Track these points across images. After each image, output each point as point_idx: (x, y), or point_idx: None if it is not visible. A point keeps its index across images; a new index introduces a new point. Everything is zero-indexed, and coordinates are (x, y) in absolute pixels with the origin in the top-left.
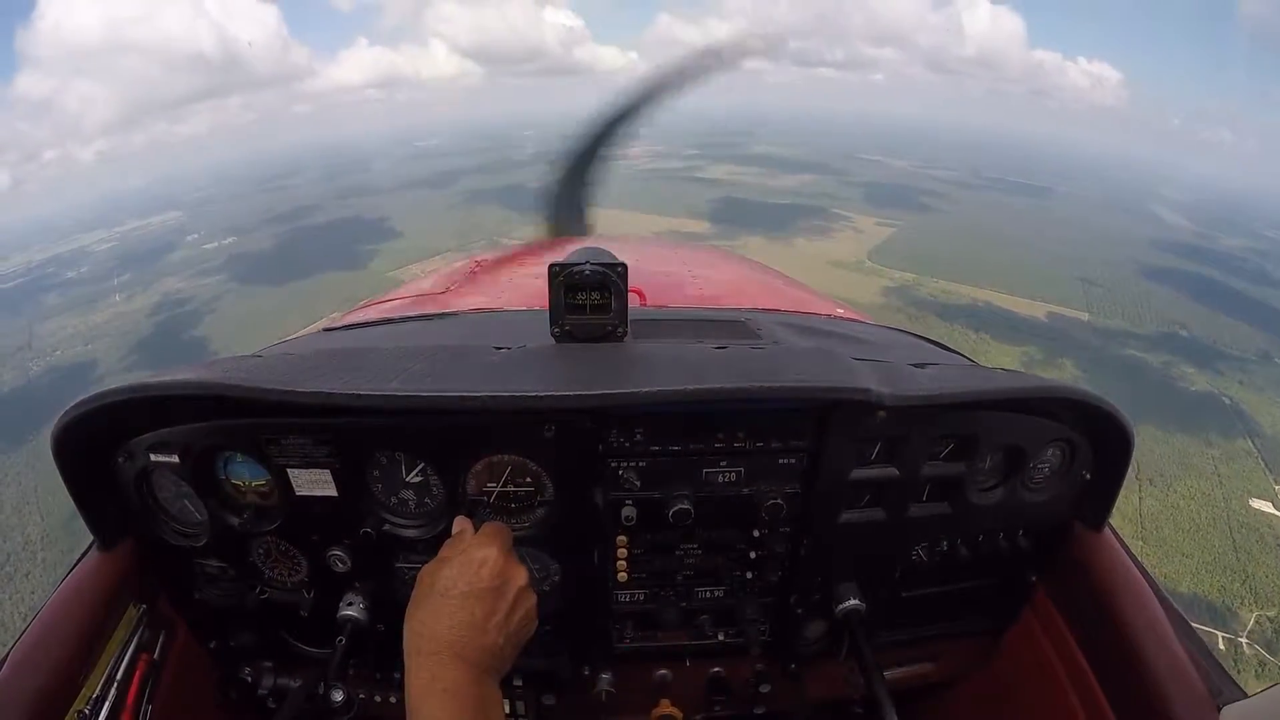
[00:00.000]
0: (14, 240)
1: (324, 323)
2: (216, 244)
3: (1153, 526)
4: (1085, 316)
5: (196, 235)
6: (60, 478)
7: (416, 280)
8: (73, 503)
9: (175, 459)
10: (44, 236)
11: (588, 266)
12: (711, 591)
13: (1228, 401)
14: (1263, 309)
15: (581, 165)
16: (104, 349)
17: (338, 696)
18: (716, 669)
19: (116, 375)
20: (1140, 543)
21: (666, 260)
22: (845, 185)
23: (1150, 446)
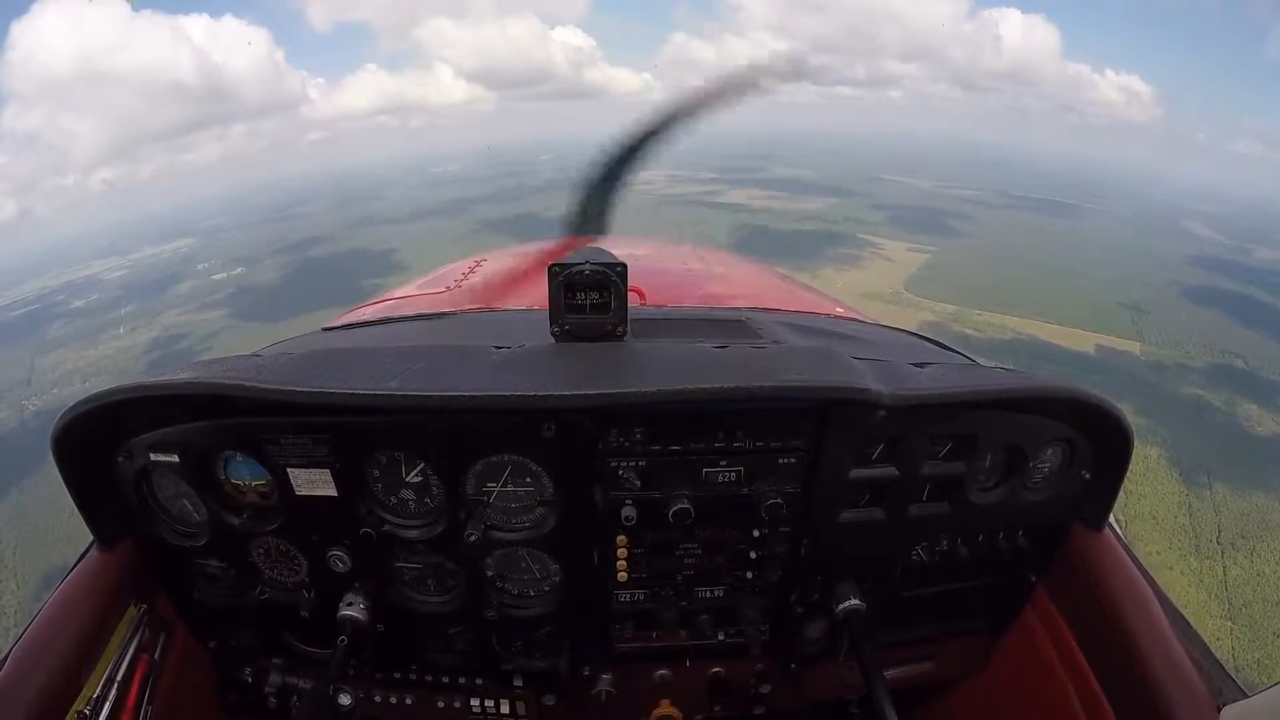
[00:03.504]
0: (30, 266)
1: (323, 323)
2: (225, 274)
3: (1240, 603)
4: (1137, 349)
5: (206, 265)
6: (60, 478)
7: (416, 280)
8: (73, 502)
9: (175, 459)
10: (59, 262)
11: (587, 266)
12: (711, 591)
13: None
14: None
15: (611, 172)
16: (99, 388)
17: (345, 700)
18: (716, 669)
19: None
20: (1229, 622)
21: (666, 260)
22: (870, 209)
23: (1229, 505)
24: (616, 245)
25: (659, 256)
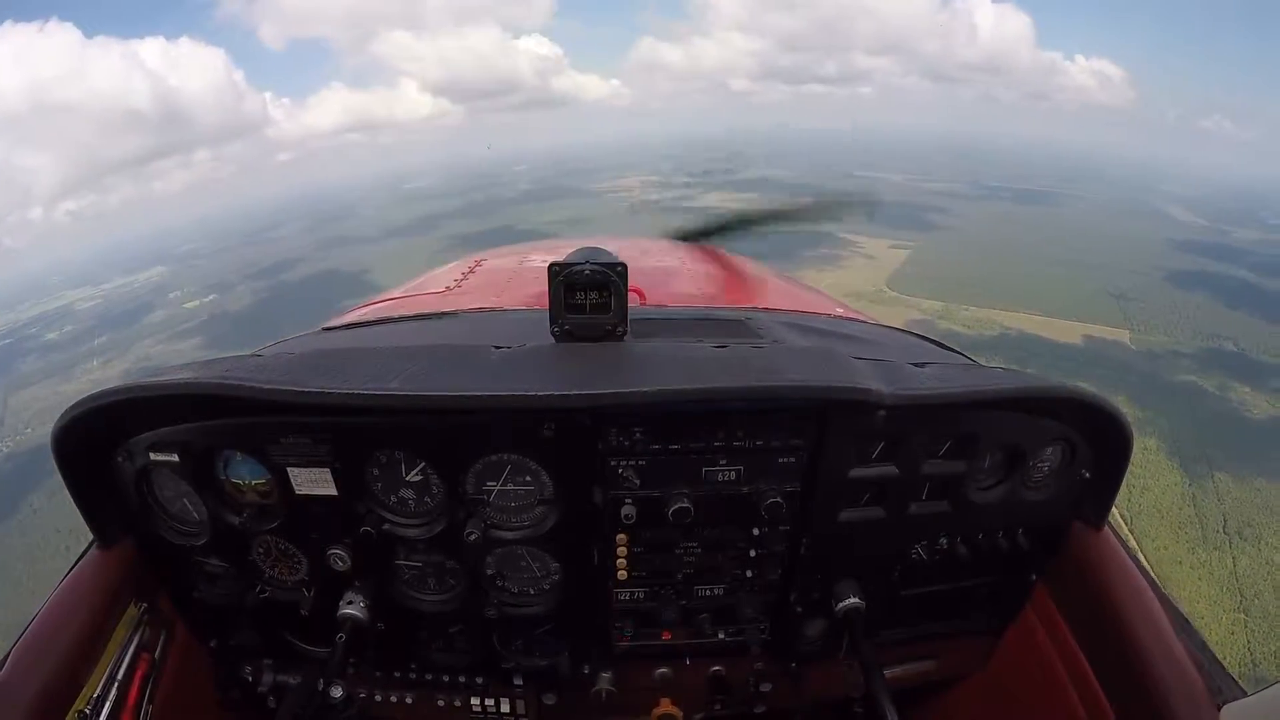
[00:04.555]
0: (2, 299)
1: (324, 323)
2: (198, 302)
3: (1253, 593)
4: (1127, 337)
5: (179, 293)
6: (60, 477)
7: (416, 280)
8: (73, 502)
9: (175, 458)
10: (32, 294)
11: (587, 266)
12: (711, 590)
13: None
14: None
15: (734, 224)
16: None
17: (337, 693)
18: (717, 668)
19: None
20: (1243, 615)
21: (666, 260)
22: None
23: (1232, 493)
24: (617, 245)
25: (659, 256)
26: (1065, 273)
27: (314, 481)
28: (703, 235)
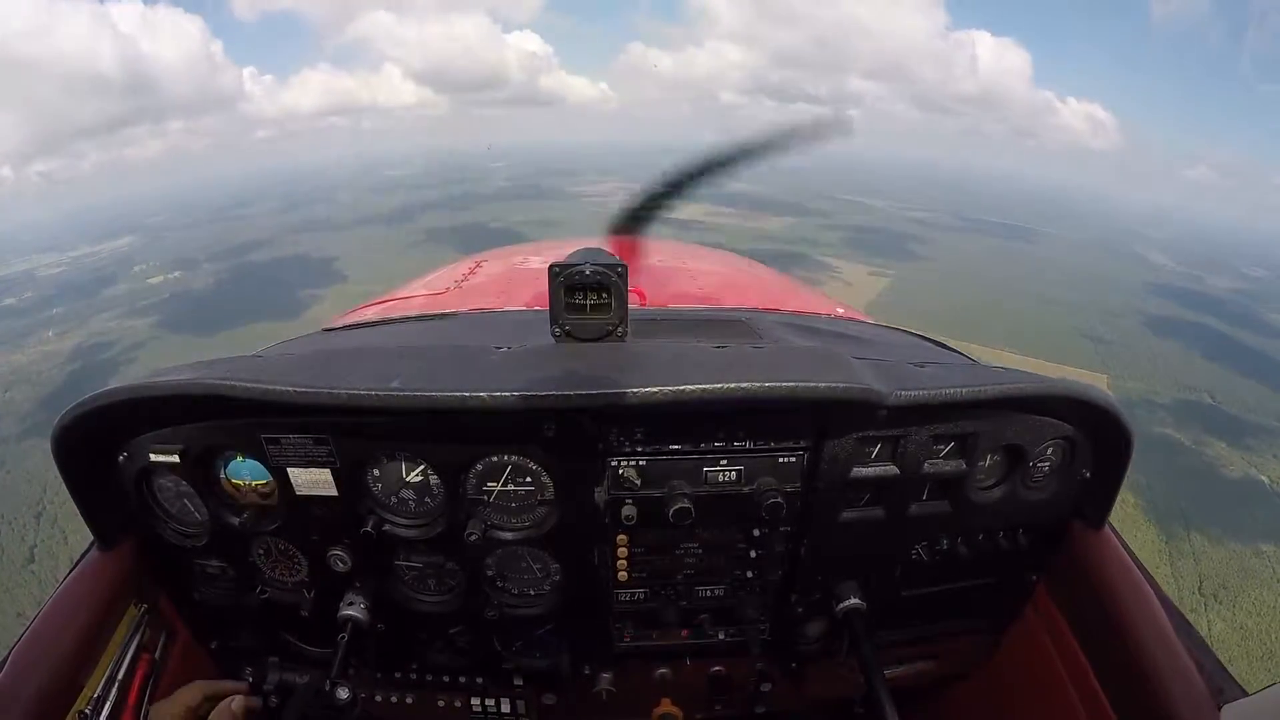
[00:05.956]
0: None
1: (324, 323)
2: (162, 277)
3: (1227, 659)
4: (1104, 382)
5: (143, 266)
6: (60, 477)
7: (416, 280)
8: (73, 502)
9: (175, 459)
10: None
11: (588, 267)
12: (712, 590)
13: (1266, 481)
14: (1273, 364)
15: (666, 191)
16: (18, 399)
17: (343, 694)
18: (717, 668)
19: (13, 443)
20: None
21: (667, 260)
22: (826, 229)
23: (1208, 554)
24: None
25: (660, 257)
26: (1044, 311)
27: (314, 482)
28: (643, 211)
